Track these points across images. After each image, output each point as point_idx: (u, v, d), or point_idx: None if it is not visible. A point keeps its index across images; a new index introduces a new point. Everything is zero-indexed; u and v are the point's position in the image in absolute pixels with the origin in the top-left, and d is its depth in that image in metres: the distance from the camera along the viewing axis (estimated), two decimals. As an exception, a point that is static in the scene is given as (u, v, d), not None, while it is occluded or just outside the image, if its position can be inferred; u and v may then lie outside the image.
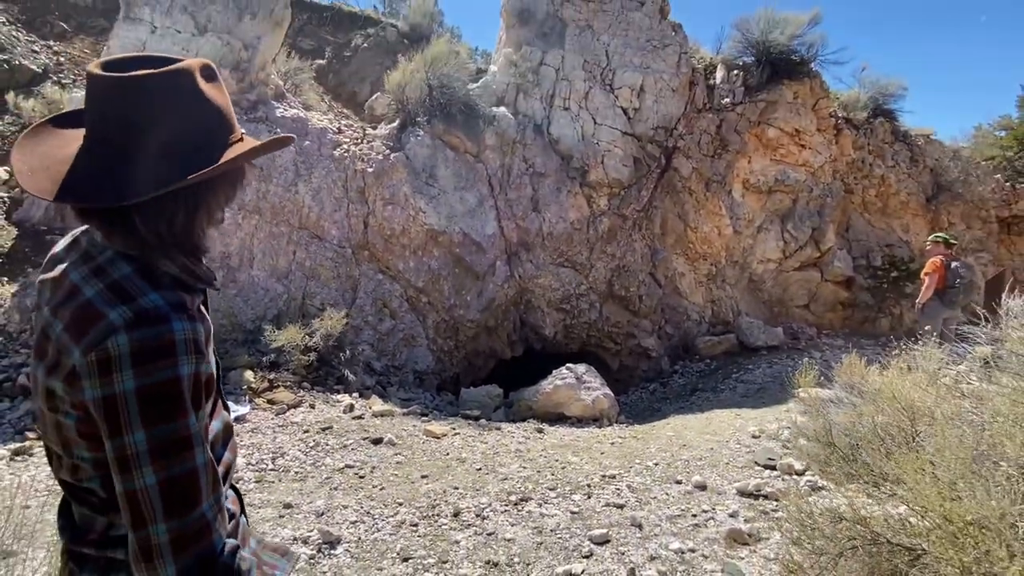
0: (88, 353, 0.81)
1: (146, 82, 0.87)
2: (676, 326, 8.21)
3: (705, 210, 8.20)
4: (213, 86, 0.96)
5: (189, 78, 0.91)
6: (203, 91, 0.93)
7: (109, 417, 0.81)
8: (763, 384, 6.51)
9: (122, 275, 0.89)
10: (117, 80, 0.87)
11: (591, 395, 5.59)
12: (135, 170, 0.87)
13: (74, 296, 0.88)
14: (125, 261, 0.90)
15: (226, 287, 6.32)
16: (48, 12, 9.39)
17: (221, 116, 0.96)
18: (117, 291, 0.86)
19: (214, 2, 6.76)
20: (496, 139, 7.39)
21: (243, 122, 6.60)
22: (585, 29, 8.03)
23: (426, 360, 6.74)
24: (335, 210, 6.68)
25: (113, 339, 0.81)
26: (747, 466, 3.94)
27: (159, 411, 0.82)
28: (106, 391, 0.81)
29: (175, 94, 0.90)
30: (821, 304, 8.96)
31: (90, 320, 0.84)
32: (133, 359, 0.81)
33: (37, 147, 0.94)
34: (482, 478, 3.77)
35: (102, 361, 0.81)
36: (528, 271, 7.38)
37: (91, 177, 0.88)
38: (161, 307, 0.85)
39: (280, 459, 3.94)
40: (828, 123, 8.79)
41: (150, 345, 0.82)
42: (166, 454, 0.82)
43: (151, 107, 0.88)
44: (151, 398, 0.81)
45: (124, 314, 0.83)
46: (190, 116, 0.92)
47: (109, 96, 0.88)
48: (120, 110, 0.88)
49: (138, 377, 0.81)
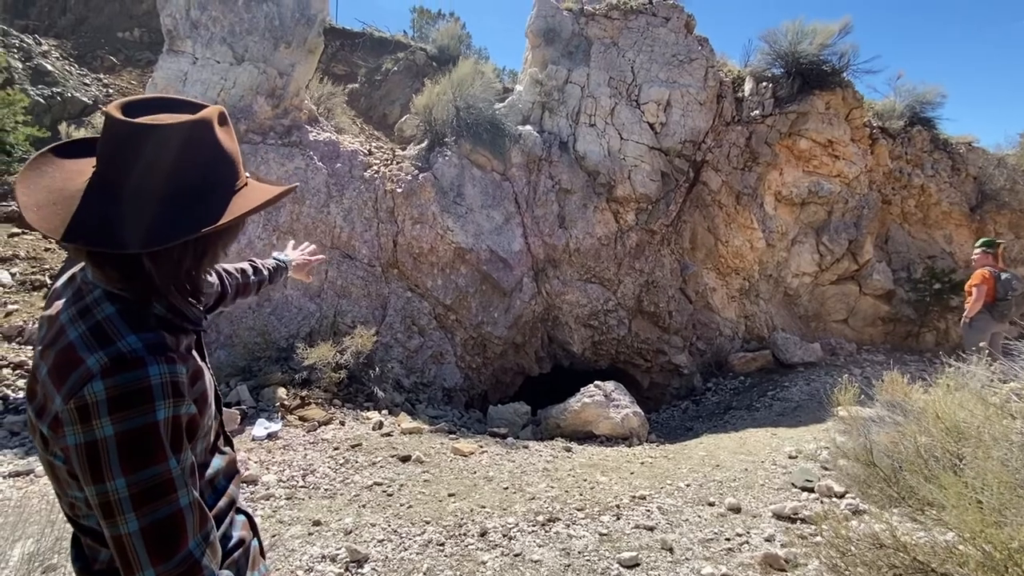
0: (68, 400, 0.82)
1: (169, 132, 0.89)
2: (708, 342, 8.04)
3: (736, 223, 8.06)
4: (226, 133, 0.99)
5: (208, 128, 0.94)
6: (219, 141, 0.95)
7: (90, 464, 0.81)
8: (800, 402, 6.29)
9: (105, 316, 0.89)
10: (139, 128, 0.88)
11: (620, 413, 5.50)
12: (151, 216, 0.87)
13: (60, 337, 0.89)
14: (110, 301, 0.90)
15: (261, 306, 6.50)
16: (99, 47, 9.94)
17: (232, 164, 0.98)
18: (97, 334, 0.86)
19: (251, 33, 7.06)
20: (522, 157, 7.45)
21: (277, 146, 6.84)
22: (610, 46, 8.07)
23: (454, 377, 6.76)
24: (365, 230, 6.82)
25: (90, 386, 0.81)
26: (783, 488, 3.81)
27: (138, 457, 0.82)
28: (87, 438, 0.81)
29: (195, 144, 0.91)
30: (860, 318, 8.67)
31: (70, 365, 0.84)
32: (110, 406, 0.81)
33: (41, 179, 0.93)
34: (509, 497, 3.73)
35: (81, 408, 0.81)
36: (555, 287, 7.37)
37: (102, 220, 0.87)
38: (138, 351, 0.85)
39: (310, 476, 3.99)
40: (863, 133, 8.58)
41: (126, 391, 0.82)
42: (147, 499, 0.82)
43: (172, 156, 0.89)
44: (129, 444, 0.81)
45: (101, 360, 0.83)
46: (207, 165, 0.94)
47: (130, 142, 0.89)
48: (140, 157, 0.88)
49: (115, 424, 0.81)
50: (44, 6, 10.43)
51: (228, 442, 1.17)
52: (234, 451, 1.18)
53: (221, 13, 7.01)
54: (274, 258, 1.78)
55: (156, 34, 8.22)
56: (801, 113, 8.22)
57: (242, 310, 6.45)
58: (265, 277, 1.66)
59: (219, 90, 6.81)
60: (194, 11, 6.96)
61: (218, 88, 6.81)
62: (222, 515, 1.06)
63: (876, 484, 2.82)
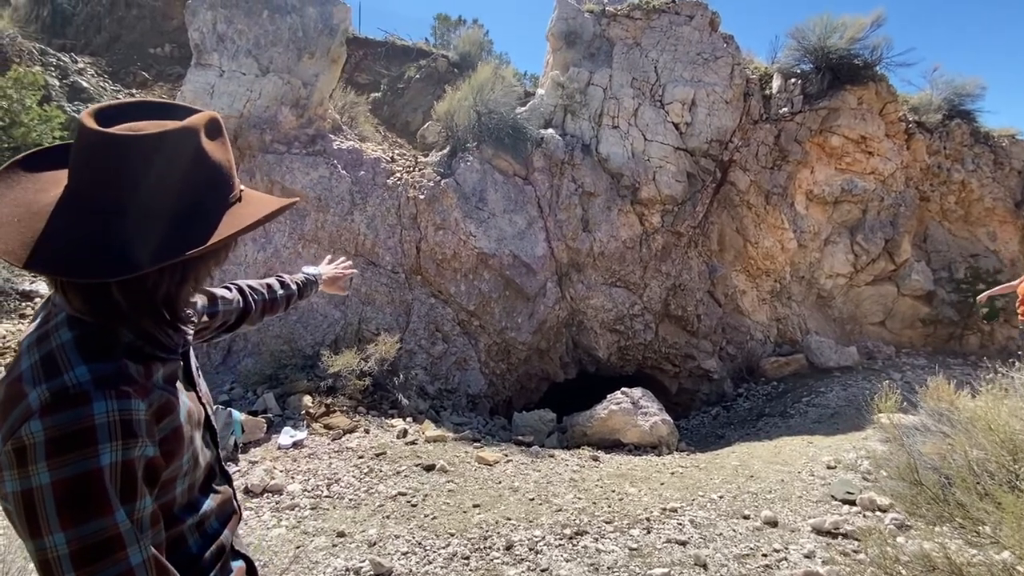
0: (6, 442, 0.72)
1: (146, 142, 0.78)
2: (739, 346, 7.84)
3: (766, 224, 7.85)
4: (217, 143, 0.87)
5: (192, 137, 0.83)
6: (206, 151, 0.84)
7: (28, 515, 0.71)
8: (837, 408, 6.06)
9: (60, 343, 0.78)
10: (111, 138, 0.77)
11: (648, 421, 5.37)
12: (124, 240, 0.77)
13: (14, 368, 0.79)
14: (70, 327, 0.80)
15: (287, 313, 6.55)
16: (131, 63, 10.24)
17: (222, 177, 0.87)
18: (47, 364, 0.76)
19: (275, 44, 7.16)
20: (544, 161, 7.38)
21: (302, 155, 6.91)
22: (633, 47, 7.95)
23: (478, 383, 6.71)
24: (389, 236, 6.83)
25: (27, 426, 0.71)
26: (822, 500, 3.64)
27: (79, 508, 0.71)
28: (23, 485, 0.71)
29: (177, 156, 0.81)
30: (899, 321, 8.34)
31: (14, 401, 0.74)
32: (47, 449, 0.71)
33: (9, 192, 0.82)
34: (535, 509, 3.65)
35: (18, 451, 0.71)
36: (579, 292, 7.26)
37: (70, 242, 0.77)
38: (84, 384, 0.75)
39: (335, 485, 3.97)
40: (898, 128, 8.27)
41: (65, 432, 0.71)
42: (91, 558, 0.71)
43: (149, 169, 0.78)
44: (69, 494, 0.71)
45: (41, 395, 0.73)
46: (189, 180, 0.82)
47: (101, 153, 0.78)
48: (112, 171, 0.78)
49: (52, 470, 0.70)
50: (80, 25, 10.79)
51: (226, 478, 1.07)
52: (232, 488, 1.08)
53: (246, 26, 7.13)
54: (304, 273, 1.71)
55: (185, 49, 8.42)
56: (832, 109, 7.97)
57: (268, 318, 6.51)
58: (294, 292, 1.58)
59: (245, 101, 6.91)
60: (220, 25, 7.09)
61: (244, 99, 6.92)
62: (211, 564, 0.96)
63: (923, 503, 2.65)
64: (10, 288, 5.80)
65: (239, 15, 7.11)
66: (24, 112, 7.25)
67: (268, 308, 1.48)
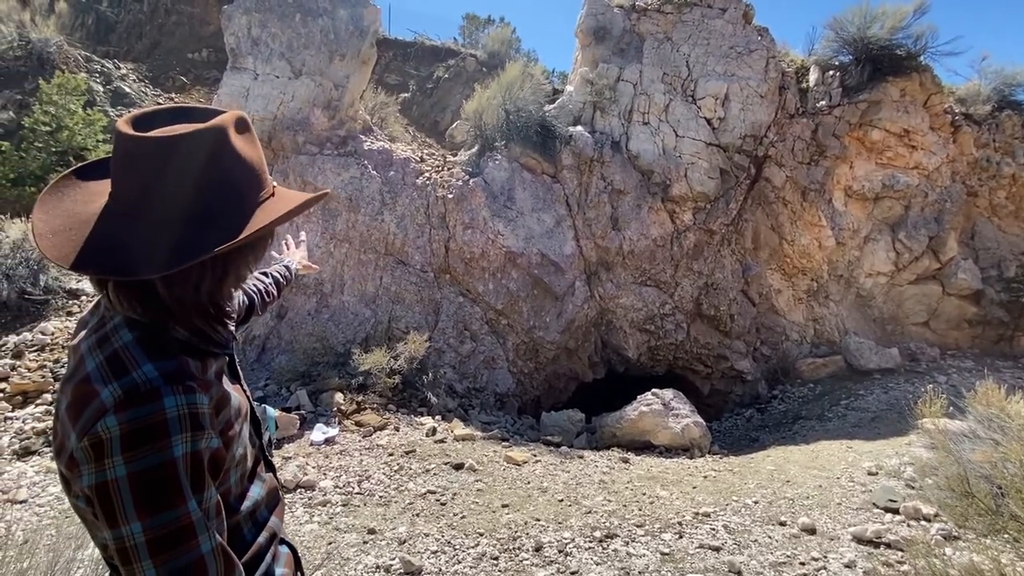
0: (82, 438, 0.76)
1: (178, 143, 0.81)
2: (773, 347, 7.65)
3: (802, 221, 7.63)
4: (246, 140, 0.90)
5: (222, 137, 0.85)
6: (237, 149, 0.87)
7: (104, 506, 0.75)
8: (878, 412, 5.86)
9: (122, 344, 0.82)
10: (146, 141, 0.81)
11: (680, 423, 5.28)
12: (160, 238, 0.80)
13: (79, 369, 0.83)
14: (129, 328, 0.84)
15: (320, 312, 6.66)
16: (171, 68, 10.56)
17: (253, 174, 0.89)
18: (114, 364, 0.80)
19: (307, 47, 7.28)
20: (573, 159, 7.32)
21: (333, 156, 7.01)
22: (664, 42, 7.82)
23: (507, 382, 6.71)
24: (418, 236, 6.88)
25: (103, 422, 0.75)
26: (863, 508, 3.52)
27: (154, 499, 0.76)
28: (99, 478, 0.75)
29: (207, 156, 0.84)
30: (943, 321, 8.01)
31: (86, 400, 0.78)
32: (123, 443, 0.75)
33: (61, 203, 0.88)
34: (564, 510, 3.63)
35: (95, 446, 0.75)
36: (608, 291, 7.19)
37: (113, 245, 0.81)
38: (153, 380, 0.79)
39: (366, 482, 4.02)
40: (943, 120, 7.94)
41: (140, 427, 0.75)
42: (166, 546, 0.76)
43: (181, 170, 0.82)
44: (144, 485, 0.75)
45: (114, 392, 0.77)
46: (221, 178, 0.86)
47: (137, 157, 0.82)
48: (148, 173, 0.81)
49: (129, 463, 0.74)
50: (123, 32, 11.19)
51: (270, 467, 1.11)
52: (276, 476, 1.12)
53: (280, 29, 7.26)
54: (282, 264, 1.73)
55: (222, 53, 8.64)
56: (873, 102, 7.69)
57: (302, 316, 6.64)
58: (281, 280, 1.62)
59: (279, 104, 7.05)
60: (255, 29, 7.25)
61: (278, 102, 7.06)
62: (263, 551, 1.00)
63: (972, 514, 2.53)
64: (58, 287, 6.05)
65: (273, 19, 7.25)
66: (69, 116, 7.56)
67: (269, 299, 1.53)
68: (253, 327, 6.52)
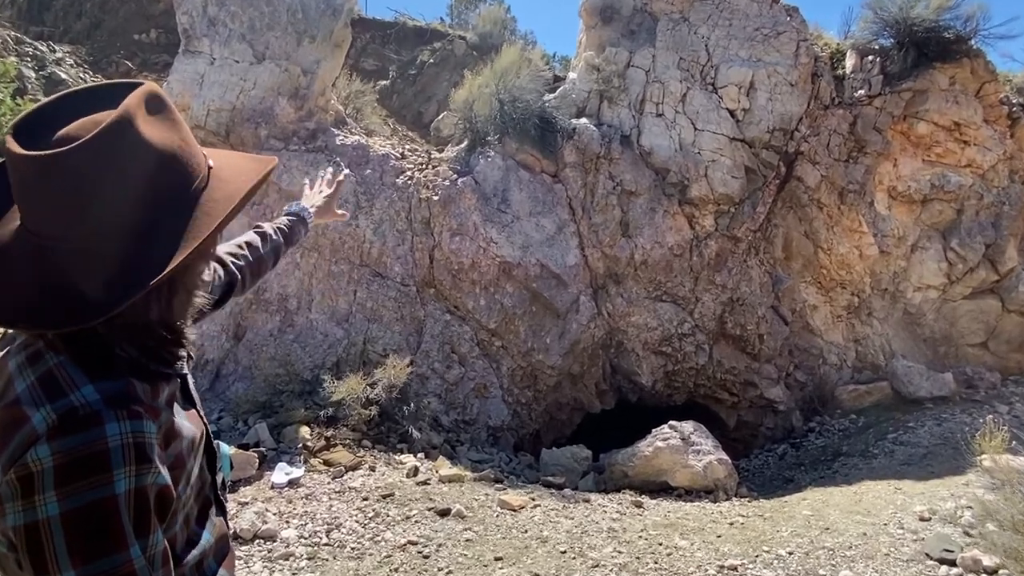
0: (8, 470, 0.74)
1: (74, 158, 0.76)
2: (809, 372, 7.68)
3: (840, 227, 7.71)
4: (161, 123, 0.85)
5: (128, 129, 0.80)
6: (149, 140, 0.81)
7: (32, 551, 0.73)
8: (930, 447, 5.89)
9: (57, 362, 0.81)
10: (36, 161, 0.76)
11: (702, 460, 5.29)
12: (92, 269, 0.78)
13: (7, 391, 0.81)
14: (66, 343, 0.82)
15: (284, 333, 6.65)
16: (114, 51, 10.63)
17: (177, 163, 0.85)
18: (47, 384, 0.78)
19: (272, 28, 7.36)
20: (577, 155, 7.39)
21: (301, 152, 7.05)
22: (680, 22, 7.95)
23: (501, 414, 6.70)
24: (398, 244, 6.90)
25: (33, 452, 0.73)
26: (914, 559, 3.52)
27: (91, 542, 0.73)
28: (28, 518, 0.73)
29: (115, 160, 0.78)
30: (1004, 342, 8.06)
31: (15, 425, 0.76)
32: (56, 477, 0.72)
33: None
34: (568, 563, 3.62)
35: (23, 479, 0.73)
36: (618, 307, 7.22)
37: (31, 286, 0.79)
38: (93, 403, 0.77)
39: (335, 532, 3.99)
40: (999, 112, 8.07)
41: (76, 457, 0.73)
42: None
43: (90, 186, 0.77)
44: (80, 526, 0.73)
45: (48, 417, 0.75)
46: (138, 184, 0.81)
47: (33, 181, 0.78)
48: (51, 197, 0.78)
49: (62, 500, 0.72)
50: (59, 11, 11.28)
51: (221, 509, 1.10)
52: (227, 520, 1.11)
53: (240, 8, 7.34)
54: (287, 215, 1.70)
55: (173, 35, 8.72)
56: (918, 91, 7.82)
57: (263, 337, 6.62)
58: (280, 242, 1.59)
59: (238, 92, 7.10)
60: (212, 7, 7.33)
61: (237, 90, 7.11)
62: None
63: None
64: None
65: (232, -4, 7.34)
66: (-4, 107, 7.58)
67: (256, 270, 1.50)
68: (206, 351, 6.49)
